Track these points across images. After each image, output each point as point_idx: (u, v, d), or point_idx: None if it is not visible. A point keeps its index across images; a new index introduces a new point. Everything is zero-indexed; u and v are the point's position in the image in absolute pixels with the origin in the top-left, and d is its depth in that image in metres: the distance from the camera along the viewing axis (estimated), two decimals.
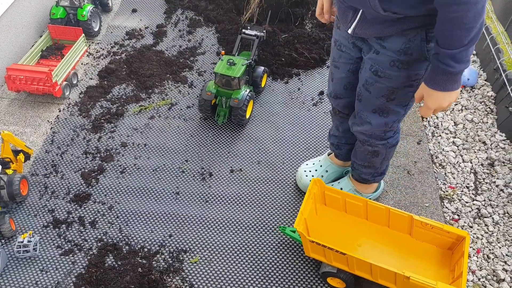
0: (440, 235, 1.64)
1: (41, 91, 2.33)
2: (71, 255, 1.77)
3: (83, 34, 2.61)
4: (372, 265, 1.46)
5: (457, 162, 2.22)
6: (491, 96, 2.49)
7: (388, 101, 1.51)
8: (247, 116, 2.31)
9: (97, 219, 1.89)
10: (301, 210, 1.58)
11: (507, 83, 2.36)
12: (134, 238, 1.83)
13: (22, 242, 1.73)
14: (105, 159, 2.13)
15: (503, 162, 2.19)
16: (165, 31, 2.89)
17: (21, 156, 1.99)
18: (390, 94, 1.49)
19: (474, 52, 2.79)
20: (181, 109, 2.41)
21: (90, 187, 2.01)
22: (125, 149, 2.19)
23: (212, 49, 2.78)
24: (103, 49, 2.76)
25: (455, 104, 2.50)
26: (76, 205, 1.94)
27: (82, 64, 2.65)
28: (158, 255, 1.78)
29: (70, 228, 1.86)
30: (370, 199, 1.94)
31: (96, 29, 2.83)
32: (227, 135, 2.28)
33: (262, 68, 2.45)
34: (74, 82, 2.50)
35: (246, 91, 2.25)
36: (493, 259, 1.84)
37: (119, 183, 2.04)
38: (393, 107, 1.53)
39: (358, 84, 1.59)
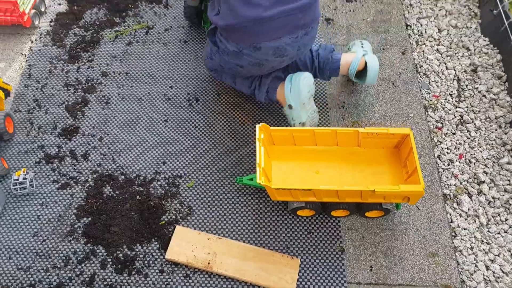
0: (386, 139, 1.71)
1: (9, 22, 2.17)
2: (68, 188, 1.78)
3: None
4: (339, 190, 1.51)
5: (441, 70, 2.22)
6: None
7: None
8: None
9: (88, 151, 1.89)
10: (257, 162, 1.55)
11: None
12: (129, 167, 1.85)
13: (17, 179, 1.73)
14: (88, 90, 2.07)
15: (486, 68, 2.19)
16: None
17: (0, 94, 1.91)
18: None
19: None
20: (159, 33, 2.30)
21: (76, 120, 1.98)
22: (107, 79, 2.12)
23: None
24: None
25: (439, 10, 2.43)
26: (65, 139, 1.92)
27: None
28: (154, 182, 1.81)
29: (63, 162, 1.85)
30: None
31: None
32: None
33: None
34: (42, 9, 2.33)
35: None
36: (474, 163, 1.92)
37: (106, 114, 2.00)
38: None
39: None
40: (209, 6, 1.75)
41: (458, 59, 2.25)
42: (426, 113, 2.07)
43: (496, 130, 2.01)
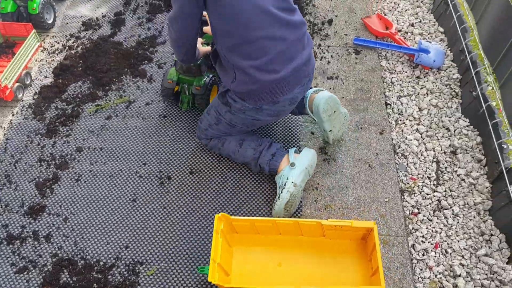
0: (351, 231, 1.64)
1: None
2: (25, 272, 1.72)
3: (33, 30, 2.45)
4: None
5: (420, 151, 2.16)
6: (457, 78, 2.40)
7: None
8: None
9: (52, 232, 1.84)
10: (212, 257, 1.50)
11: (471, 66, 2.26)
12: (90, 251, 1.79)
13: None
14: (60, 166, 2.05)
15: (466, 150, 2.13)
16: (123, 20, 2.73)
17: None
18: None
19: (442, 30, 2.66)
20: (140, 107, 2.31)
21: (44, 198, 1.95)
22: (81, 154, 2.11)
23: None
24: (58, 43, 2.61)
25: (421, 88, 2.41)
26: (31, 218, 1.88)
27: (36, 60, 2.51)
28: (113, 269, 1.74)
29: (24, 244, 1.80)
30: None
31: (50, 22, 2.67)
32: (188, 132, 2.19)
33: None
34: (27, 82, 2.37)
35: (208, 77, 2.15)
36: (450, 253, 1.82)
37: (75, 192, 1.97)
38: None
39: None
40: (221, 72, 1.83)
41: (438, 139, 2.20)
42: (402, 197, 1.99)
43: (474, 217, 1.91)
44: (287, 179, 1.80)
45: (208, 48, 2.04)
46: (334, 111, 2.03)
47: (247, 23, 1.61)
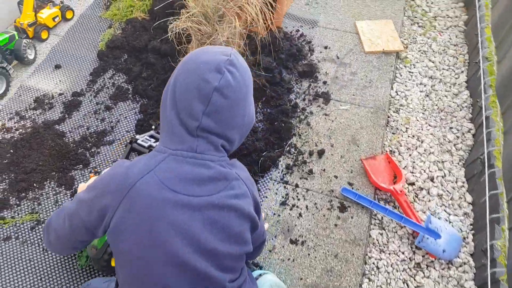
0: None
1: None
2: None
3: None
4: None
5: None
6: None
7: None
8: (114, 264, 1.69)
9: None
10: None
11: (489, 283, 1.52)
12: None
13: None
14: None
15: None
16: (80, 103, 2.30)
17: None
18: None
19: (471, 200, 1.91)
20: None
21: None
22: None
23: (124, 138, 2.15)
24: None
25: (416, 287, 1.70)
26: None
27: None
28: None
29: None
30: None
31: (0, 92, 2.31)
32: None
33: None
34: None
35: None
36: None
37: None
38: None
39: None
40: None
41: None
42: None
43: None
44: None
45: None
46: None
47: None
